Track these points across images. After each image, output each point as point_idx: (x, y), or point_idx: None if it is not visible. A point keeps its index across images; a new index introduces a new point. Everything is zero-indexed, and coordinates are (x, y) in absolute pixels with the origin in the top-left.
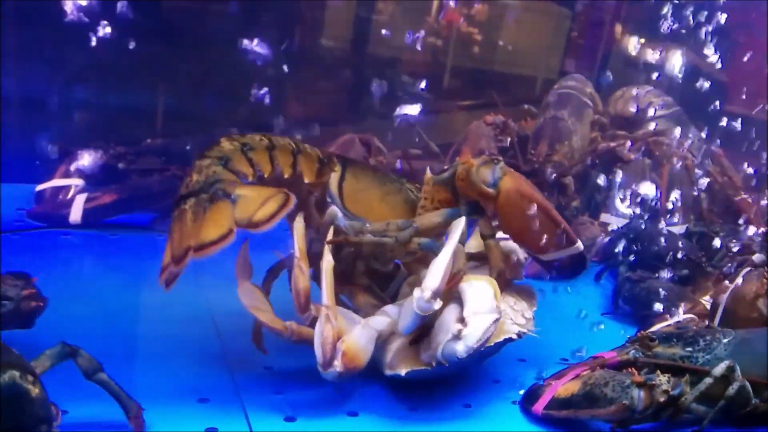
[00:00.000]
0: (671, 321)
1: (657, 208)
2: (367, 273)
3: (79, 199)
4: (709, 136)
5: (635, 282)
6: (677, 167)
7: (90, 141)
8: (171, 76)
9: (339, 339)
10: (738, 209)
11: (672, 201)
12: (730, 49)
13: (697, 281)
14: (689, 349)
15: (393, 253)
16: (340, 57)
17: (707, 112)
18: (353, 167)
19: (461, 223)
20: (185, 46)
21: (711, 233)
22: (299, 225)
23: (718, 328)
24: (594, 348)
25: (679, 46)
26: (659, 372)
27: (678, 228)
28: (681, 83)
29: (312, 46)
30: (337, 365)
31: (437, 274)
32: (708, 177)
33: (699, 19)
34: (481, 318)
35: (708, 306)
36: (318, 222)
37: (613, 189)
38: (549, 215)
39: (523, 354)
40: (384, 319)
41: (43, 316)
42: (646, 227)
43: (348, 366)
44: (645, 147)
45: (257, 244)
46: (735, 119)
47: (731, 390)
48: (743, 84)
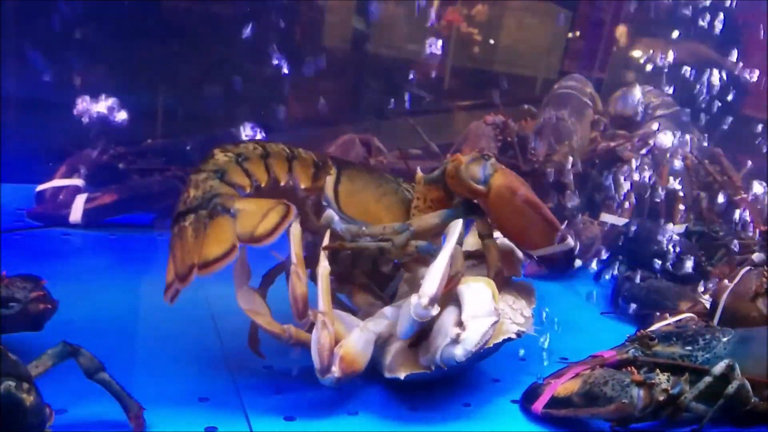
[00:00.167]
0: (671, 320)
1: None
2: (366, 273)
3: (80, 200)
4: (710, 135)
5: (635, 281)
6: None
7: (90, 141)
8: (171, 76)
9: (336, 344)
10: (737, 208)
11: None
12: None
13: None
14: (689, 348)
15: (390, 257)
16: (340, 57)
17: (728, 111)
18: (348, 169)
19: (458, 225)
20: (186, 46)
21: (711, 233)
22: (296, 230)
23: (717, 327)
24: (593, 347)
25: (696, 45)
26: (659, 371)
27: (678, 227)
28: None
29: (312, 45)
30: (335, 371)
31: (434, 280)
32: (708, 176)
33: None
34: (480, 321)
35: (707, 305)
36: (315, 226)
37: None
38: (540, 212)
39: (523, 353)
40: (382, 322)
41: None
42: (645, 226)
43: (346, 371)
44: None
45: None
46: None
47: (731, 389)
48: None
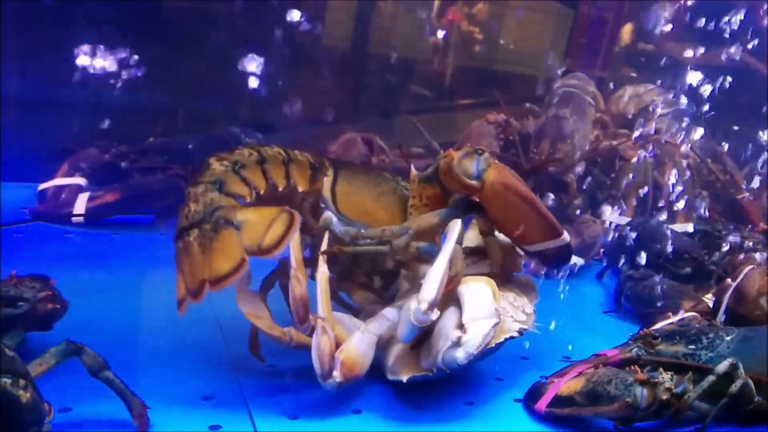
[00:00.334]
0: (674, 319)
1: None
2: (366, 272)
3: (82, 198)
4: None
5: (637, 280)
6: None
7: (93, 140)
8: (173, 75)
9: (338, 347)
10: (740, 207)
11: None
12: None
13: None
14: (692, 347)
15: (390, 259)
16: (341, 56)
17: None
18: (345, 170)
19: (457, 226)
20: (187, 45)
21: (714, 232)
22: (295, 235)
23: (720, 326)
24: (596, 346)
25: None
26: (662, 370)
27: (681, 226)
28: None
29: (313, 45)
30: (336, 376)
31: (433, 284)
32: (710, 175)
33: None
34: (481, 324)
35: (710, 304)
36: (313, 228)
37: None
38: (535, 207)
39: (526, 352)
40: (383, 323)
41: None
42: (648, 225)
43: (347, 375)
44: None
45: None
46: None
47: (734, 388)
48: None
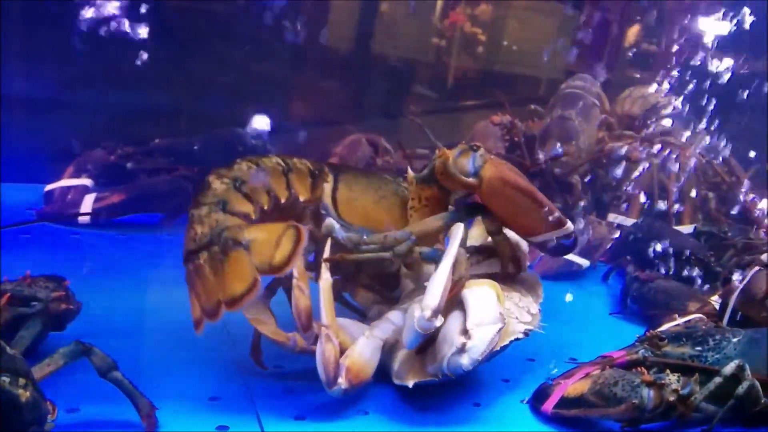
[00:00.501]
0: (680, 321)
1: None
2: (370, 275)
3: (88, 199)
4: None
5: (643, 282)
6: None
7: (98, 141)
8: (179, 75)
9: (343, 354)
10: (745, 209)
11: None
12: None
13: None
14: (699, 349)
15: (393, 264)
16: (345, 57)
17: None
18: (345, 175)
19: (460, 230)
20: (192, 46)
21: (719, 233)
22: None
23: (727, 327)
24: (602, 347)
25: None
26: (669, 371)
27: (686, 227)
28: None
29: (317, 46)
30: (342, 382)
31: (436, 291)
32: (716, 177)
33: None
34: (485, 330)
35: (717, 306)
36: (315, 235)
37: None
38: (535, 199)
39: (532, 353)
40: (388, 327)
41: None
42: (654, 227)
43: (353, 382)
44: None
45: None
46: None
47: (741, 389)
48: None
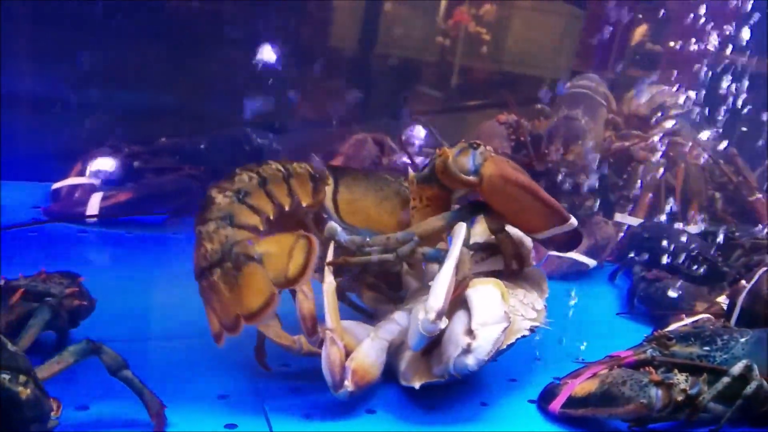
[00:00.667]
0: (687, 321)
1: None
2: (375, 275)
3: (95, 198)
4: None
5: (650, 281)
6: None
7: (105, 140)
8: (185, 75)
9: (348, 356)
10: (752, 209)
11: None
12: None
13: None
14: (707, 348)
15: (396, 266)
16: (351, 57)
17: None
18: (345, 177)
19: (462, 229)
20: (198, 45)
21: (727, 233)
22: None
23: (735, 327)
24: (610, 347)
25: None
26: (677, 371)
27: (694, 228)
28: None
29: (322, 45)
30: (348, 385)
31: (440, 293)
32: (723, 177)
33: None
34: (490, 329)
35: (724, 306)
36: (318, 238)
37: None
38: (537, 195)
39: (539, 353)
40: (393, 328)
41: None
42: (661, 226)
43: (359, 384)
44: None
45: None
46: None
47: (749, 389)
48: None
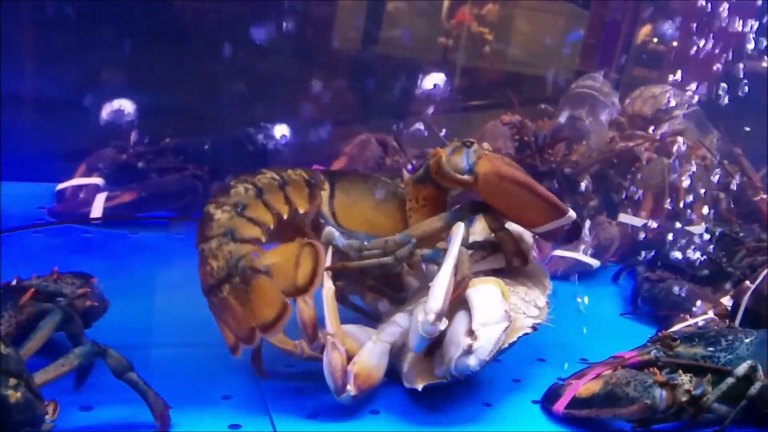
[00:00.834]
0: (692, 321)
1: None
2: (375, 277)
3: (100, 198)
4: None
5: (654, 282)
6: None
7: (109, 140)
8: (189, 75)
9: (350, 360)
10: (757, 210)
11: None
12: None
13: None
14: (711, 349)
15: (396, 267)
16: (352, 57)
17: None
18: (341, 181)
19: (460, 230)
20: (202, 45)
21: (731, 233)
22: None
23: (739, 328)
24: (613, 348)
25: None
26: (681, 372)
27: (697, 228)
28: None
29: (324, 46)
30: (350, 389)
31: (439, 295)
32: (727, 177)
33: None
34: (491, 329)
35: (729, 306)
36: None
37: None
38: (534, 190)
39: (543, 353)
40: (395, 329)
41: None
42: (665, 227)
43: (362, 387)
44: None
45: None
46: None
47: (753, 390)
48: None
